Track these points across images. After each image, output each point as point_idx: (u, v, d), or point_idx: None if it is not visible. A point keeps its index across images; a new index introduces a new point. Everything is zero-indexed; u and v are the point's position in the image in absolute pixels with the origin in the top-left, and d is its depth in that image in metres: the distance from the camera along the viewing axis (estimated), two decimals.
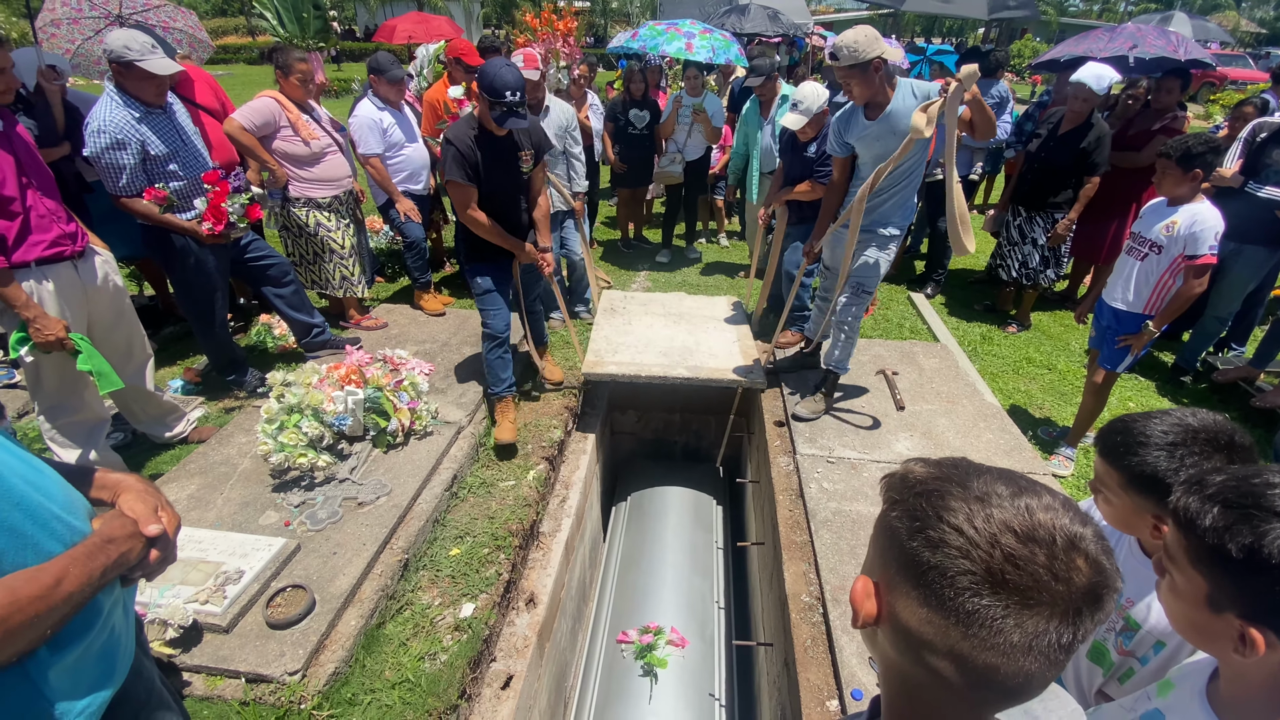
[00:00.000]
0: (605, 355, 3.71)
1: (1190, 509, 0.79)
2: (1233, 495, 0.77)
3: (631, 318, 4.23)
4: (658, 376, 3.50)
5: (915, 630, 0.57)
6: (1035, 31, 27.04)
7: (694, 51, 5.56)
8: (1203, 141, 2.64)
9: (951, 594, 0.53)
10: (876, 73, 2.67)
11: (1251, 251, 3.69)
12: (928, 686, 0.59)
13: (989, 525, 0.54)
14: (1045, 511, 0.55)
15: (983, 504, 0.56)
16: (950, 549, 0.54)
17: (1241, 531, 0.74)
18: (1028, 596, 0.52)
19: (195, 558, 2.24)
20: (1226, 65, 17.56)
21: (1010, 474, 0.60)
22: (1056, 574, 0.52)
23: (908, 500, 0.60)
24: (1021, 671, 0.53)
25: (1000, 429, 3.19)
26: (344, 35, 31.75)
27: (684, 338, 3.94)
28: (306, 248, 3.91)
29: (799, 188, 3.63)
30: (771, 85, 4.38)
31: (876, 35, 2.64)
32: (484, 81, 2.61)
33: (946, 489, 0.58)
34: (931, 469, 0.62)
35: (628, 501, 4.10)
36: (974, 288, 5.48)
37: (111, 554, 0.99)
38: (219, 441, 2.99)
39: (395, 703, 1.99)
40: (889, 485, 0.65)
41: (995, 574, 0.52)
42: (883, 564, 0.62)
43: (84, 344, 2.41)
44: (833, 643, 2.12)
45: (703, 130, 5.22)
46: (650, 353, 3.73)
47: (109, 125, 2.68)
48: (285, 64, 3.58)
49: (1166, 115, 4.35)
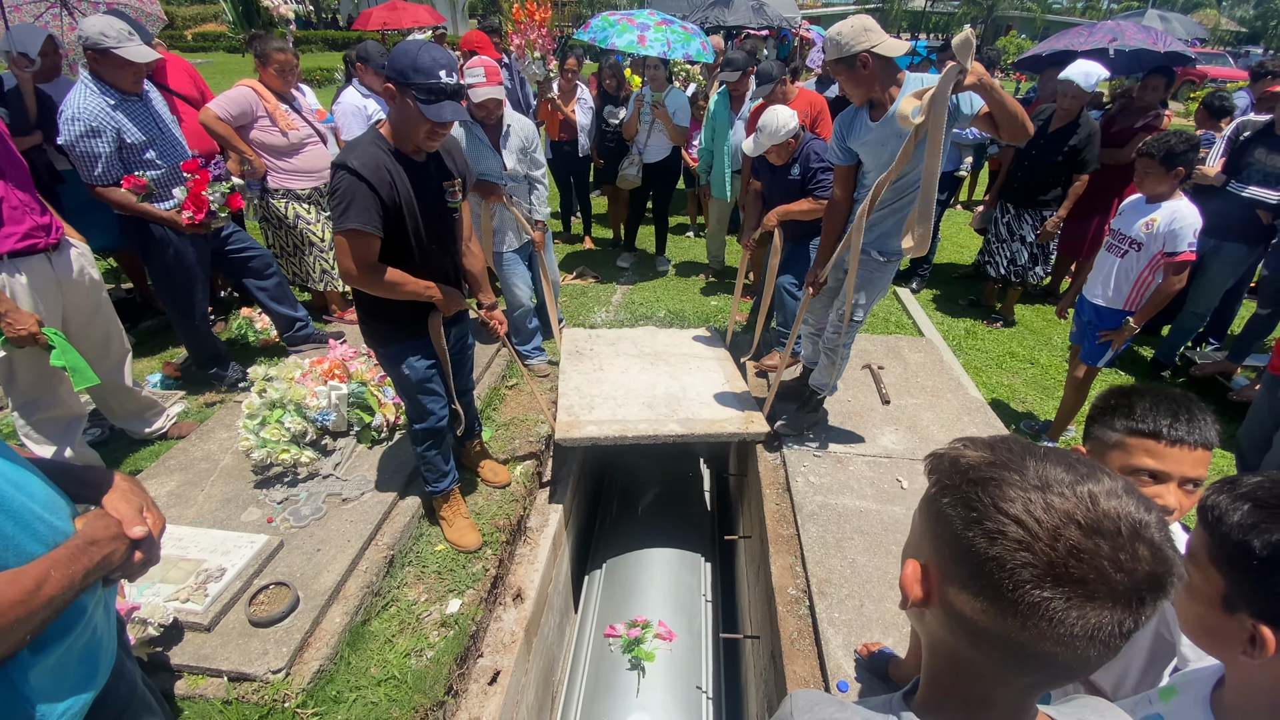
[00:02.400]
0: (580, 413, 3.17)
1: (1220, 505, 0.80)
2: (1265, 495, 0.77)
3: (602, 361, 3.71)
4: (647, 435, 3.03)
5: (970, 617, 0.56)
6: (1020, 28, 27.24)
7: (646, 45, 5.09)
8: (1184, 140, 2.67)
9: (1011, 586, 0.52)
10: (864, 69, 2.27)
11: (1231, 249, 3.75)
12: (978, 668, 0.59)
13: (1050, 516, 0.52)
14: (1108, 499, 0.53)
15: (1042, 492, 0.54)
16: (1009, 541, 0.53)
17: (1269, 529, 0.74)
18: (1091, 588, 0.51)
19: (176, 555, 2.21)
20: (1207, 64, 17.80)
21: (1065, 455, 0.58)
22: (1121, 564, 0.51)
23: (960, 487, 0.58)
24: (1079, 658, 0.53)
25: (984, 423, 3.23)
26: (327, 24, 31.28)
27: (666, 383, 3.47)
28: (287, 240, 3.86)
29: (797, 205, 3.31)
30: (745, 80, 4.27)
31: (869, 26, 2.27)
32: (403, 62, 1.86)
33: (1003, 476, 0.56)
34: (984, 452, 0.60)
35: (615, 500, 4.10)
36: (959, 283, 5.52)
37: (94, 556, 0.97)
38: (199, 437, 2.94)
39: (381, 700, 1.97)
40: (937, 468, 0.62)
41: (1057, 567, 0.51)
42: (933, 549, 0.61)
43: (58, 339, 2.35)
44: (819, 635, 2.14)
45: (664, 129, 4.87)
46: (632, 405, 3.23)
47: (83, 113, 2.62)
48: (263, 53, 3.51)
49: (1149, 113, 4.41)
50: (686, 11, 9.14)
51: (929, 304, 5.09)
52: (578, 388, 3.42)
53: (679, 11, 8.99)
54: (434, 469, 2.53)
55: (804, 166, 3.28)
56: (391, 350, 2.26)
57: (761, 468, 3.03)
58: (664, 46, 5.10)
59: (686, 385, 3.46)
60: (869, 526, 2.55)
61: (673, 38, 5.17)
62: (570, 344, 3.92)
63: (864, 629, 2.13)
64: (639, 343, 3.99)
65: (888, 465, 2.89)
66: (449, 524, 2.60)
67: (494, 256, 3.55)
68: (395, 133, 2.01)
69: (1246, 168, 3.57)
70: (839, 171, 2.69)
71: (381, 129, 2.02)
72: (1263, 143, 3.53)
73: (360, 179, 1.89)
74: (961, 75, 1.88)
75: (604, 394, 3.35)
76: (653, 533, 3.74)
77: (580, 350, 3.85)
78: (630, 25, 5.17)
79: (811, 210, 3.27)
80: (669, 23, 5.30)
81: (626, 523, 3.87)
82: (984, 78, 1.91)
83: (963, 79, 1.89)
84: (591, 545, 3.93)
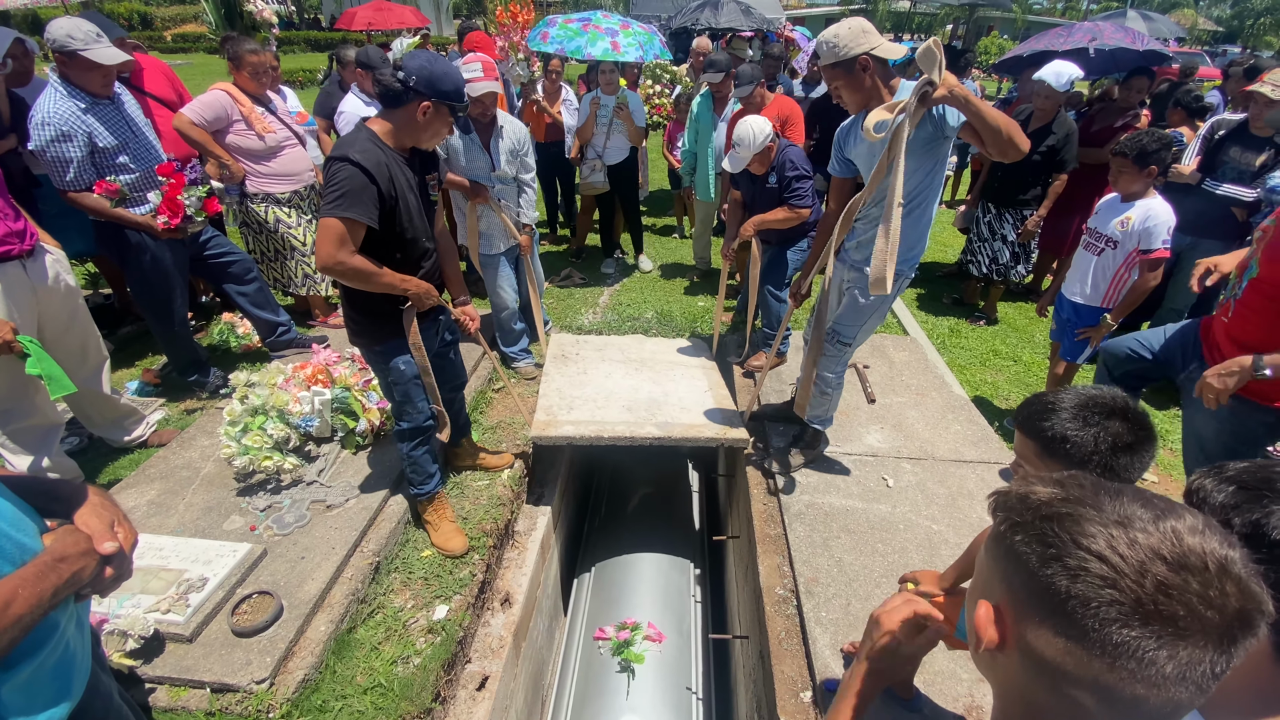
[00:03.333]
0: (559, 413, 3.19)
1: (1205, 488, 0.82)
2: (1249, 479, 0.80)
3: (586, 365, 3.73)
4: (623, 437, 3.05)
5: (1052, 660, 0.54)
6: (1002, 29, 27.54)
7: (622, 52, 4.97)
8: (1156, 139, 2.72)
9: (1096, 625, 0.51)
10: (865, 72, 2.18)
11: (1207, 245, 3.80)
12: (1060, 716, 0.56)
13: (1135, 552, 0.51)
14: (1193, 535, 0.52)
15: (1124, 528, 0.52)
16: (1093, 578, 0.51)
17: (1250, 509, 0.77)
18: (1182, 626, 0.49)
19: (156, 565, 2.18)
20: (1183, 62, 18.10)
21: (1144, 493, 0.57)
22: (1211, 601, 0.49)
23: (1033, 524, 0.56)
24: (1170, 701, 0.51)
25: (968, 420, 3.26)
26: (310, 24, 30.97)
27: (649, 388, 3.48)
28: (268, 245, 3.81)
29: (772, 215, 3.29)
30: (728, 82, 4.25)
31: (865, 28, 2.18)
32: (448, 85, 2.01)
33: (1079, 511, 0.55)
34: (1056, 489, 0.58)
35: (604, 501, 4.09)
36: (942, 281, 5.57)
37: (64, 573, 0.95)
38: (180, 445, 2.90)
39: (367, 708, 1.96)
40: (1004, 505, 0.61)
41: (1145, 604, 0.49)
42: (1006, 589, 0.59)
43: (33, 346, 2.31)
44: (806, 635, 2.15)
45: (625, 130, 4.79)
46: (613, 408, 3.26)
47: (53, 117, 2.57)
48: (236, 55, 3.44)
49: (1129, 112, 4.48)
50: (672, 13, 9.14)
51: (913, 303, 5.14)
52: (559, 389, 3.43)
53: (665, 14, 8.99)
54: (420, 470, 2.50)
55: (780, 175, 3.27)
56: (383, 347, 2.25)
57: (749, 468, 3.04)
58: (639, 50, 5.05)
59: (669, 390, 3.47)
60: (855, 525, 2.57)
61: (642, 40, 5.11)
62: (556, 348, 3.91)
63: (851, 627, 2.14)
64: (626, 349, 3.99)
65: (874, 464, 2.91)
66: (435, 528, 2.58)
67: (480, 259, 3.53)
68: (398, 133, 2.05)
69: (1221, 165, 3.62)
70: (835, 183, 2.62)
71: (375, 128, 2.03)
72: (1237, 141, 3.59)
73: (363, 170, 1.91)
74: (931, 88, 1.81)
75: (585, 396, 3.37)
76: (641, 535, 3.74)
77: (566, 354, 3.85)
78: (598, 32, 5.03)
79: (787, 219, 3.28)
80: (629, 25, 5.22)
81: (615, 525, 3.87)
82: (956, 90, 1.82)
83: (932, 91, 1.81)
84: (580, 548, 3.92)
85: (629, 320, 4.51)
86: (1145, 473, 1.13)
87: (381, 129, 2.03)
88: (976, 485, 2.78)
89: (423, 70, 1.96)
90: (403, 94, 1.98)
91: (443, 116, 2.06)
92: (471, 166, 3.28)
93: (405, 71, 1.96)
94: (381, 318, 2.21)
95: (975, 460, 2.94)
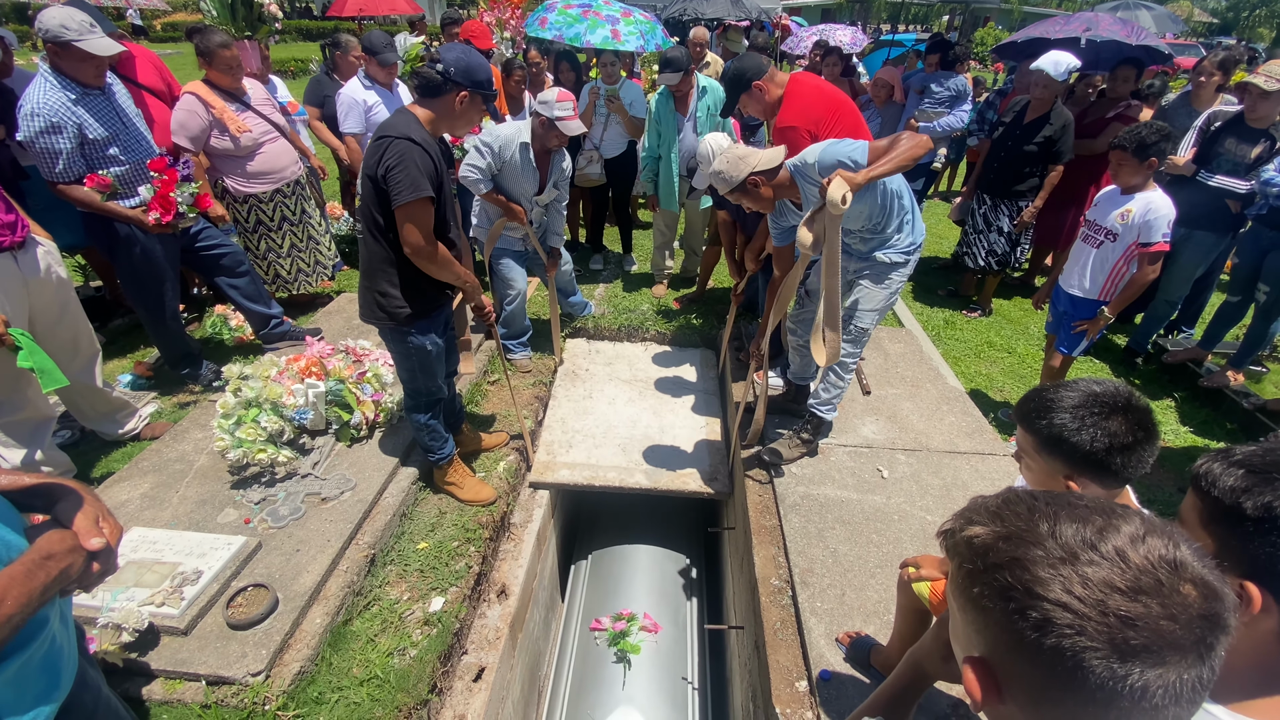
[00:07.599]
0: (558, 452, 3.31)
1: (1213, 472, 0.82)
2: (1258, 462, 0.80)
3: (593, 387, 3.84)
4: (613, 486, 3.16)
5: (1049, 710, 0.54)
6: (998, 20, 27.44)
7: (622, 40, 4.77)
8: (1155, 131, 2.71)
9: (1080, 675, 0.51)
10: (757, 187, 2.39)
11: (1201, 237, 3.82)
12: None
13: (1090, 591, 0.51)
14: (1136, 548, 0.52)
15: (1072, 565, 0.52)
16: (1061, 628, 0.51)
17: (1261, 492, 0.77)
18: (1157, 654, 0.49)
19: (150, 559, 2.17)
20: (1179, 54, 18.09)
21: (1073, 506, 0.56)
22: (1174, 616, 0.50)
23: (985, 573, 0.56)
24: (1173, 718, 0.51)
25: (963, 411, 3.27)
26: (301, 14, 30.64)
27: (648, 420, 3.60)
28: (257, 244, 3.80)
29: (770, 244, 3.04)
30: (688, 80, 4.03)
31: (741, 154, 2.37)
32: (481, 75, 2.11)
33: (1025, 555, 0.54)
34: (994, 526, 0.58)
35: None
36: (938, 273, 5.58)
37: (51, 570, 0.95)
38: (173, 438, 2.88)
39: (364, 700, 1.96)
40: (955, 551, 0.61)
41: (1118, 642, 0.49)
42: (985, 642, 0.59)
43: (25, 339, 2.29)
44: (801, 625, 2.16)
45: (621, 122, 4.64)
46: (608, 447, 3.37)
47: (43, 108, 2.54)
48: (206, 49, 3.29)
49: (1120, 103, 4.47)
50: (665, 2, 9.07)
51: (908, 295, 5.14)
52: (563, 420, 3.58)
53: (657, 3, 8.91)
54: (437, 435, 2.64)
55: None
56: (418, 326, 2.35)
57: (744, 456, 3.04)
58: (639, 40, 4.88)
59: (666, 426, 3.60)
60: (850, 516, 2.57)
61: (644, 29, 4.94)
62: (570, 360, 4.09)
63: (846, 617, 2.15)
64: (634, 365, 4.14)
65: (868, 455, 2.92)
66: (459, 486, 2.74)
67: (493, 250, 3.51)
68: (437, 121, 2.14)
69: (1216, 157, 3.63)
70: (778, 252, 2.78)
71: (418, 114, 2.11)
72: (1232, 132, 3.59)
73: (421, 147, 2.03)
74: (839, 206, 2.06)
75: (586, 429, 3.52)
76: (638, 526, 3.74)
77: (576, 371, 4.02)
78: (599, 19, 4.88)
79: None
80: (630, 13, 5.06)
81: (611, 516, 3.87)
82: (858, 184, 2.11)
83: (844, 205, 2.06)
84: (576, 539, 3.93)
85: (625, 313, 4.51)
86: (1147, 469, 1.12)
87: (424, 116, 2.12)
88: (971, 476, 2.79)
89: (459, 61, 2.08)
90: (442, 84, 2.08)
91: (476, 105, 2.16)
92: (518, 188, 3.27)
93: (443, 63, 2.07)
94: (427, 300, 2.34)
95: (969, 451, 2.95)
